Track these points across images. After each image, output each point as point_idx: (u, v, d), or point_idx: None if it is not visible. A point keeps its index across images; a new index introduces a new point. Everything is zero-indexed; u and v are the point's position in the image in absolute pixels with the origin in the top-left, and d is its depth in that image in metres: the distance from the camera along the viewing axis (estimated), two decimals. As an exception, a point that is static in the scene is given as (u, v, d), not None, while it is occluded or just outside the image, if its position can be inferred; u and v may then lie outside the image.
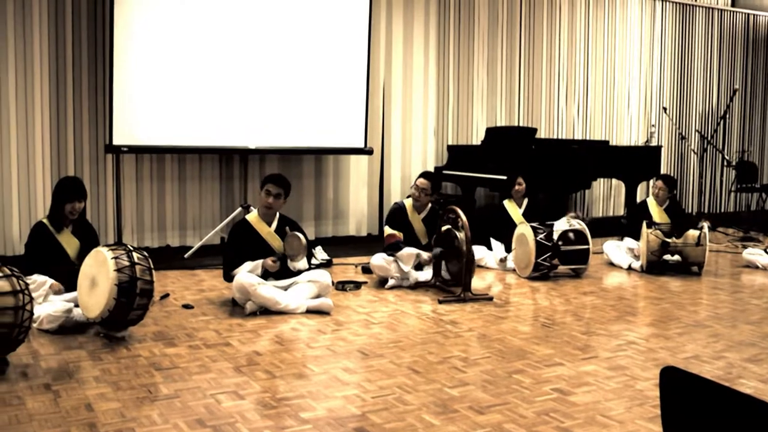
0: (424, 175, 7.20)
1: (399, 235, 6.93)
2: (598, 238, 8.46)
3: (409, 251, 6.82)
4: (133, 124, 7.93)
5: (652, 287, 7.10)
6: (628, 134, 12.03)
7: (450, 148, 10.16)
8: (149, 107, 8.01)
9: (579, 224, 7.55)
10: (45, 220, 5.70)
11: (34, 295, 5.06)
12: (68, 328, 5.17)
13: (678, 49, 12.53)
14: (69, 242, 5.67)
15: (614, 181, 11.75)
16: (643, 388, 4.23)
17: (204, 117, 8.27)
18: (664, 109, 12.17)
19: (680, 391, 1.95)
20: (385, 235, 7.04)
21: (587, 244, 7.42)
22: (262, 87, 8.55)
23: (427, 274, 6.94)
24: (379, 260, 6.88)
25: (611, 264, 8.11)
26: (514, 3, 10.75)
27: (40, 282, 5.31)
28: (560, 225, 7.51)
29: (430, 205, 7.19)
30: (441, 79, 10.28)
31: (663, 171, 11.28)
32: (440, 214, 6.91)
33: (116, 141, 7.84)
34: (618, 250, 8.14)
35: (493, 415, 3.80)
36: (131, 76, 7.88)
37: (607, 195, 11.88)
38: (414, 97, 10.04)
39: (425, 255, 6.85)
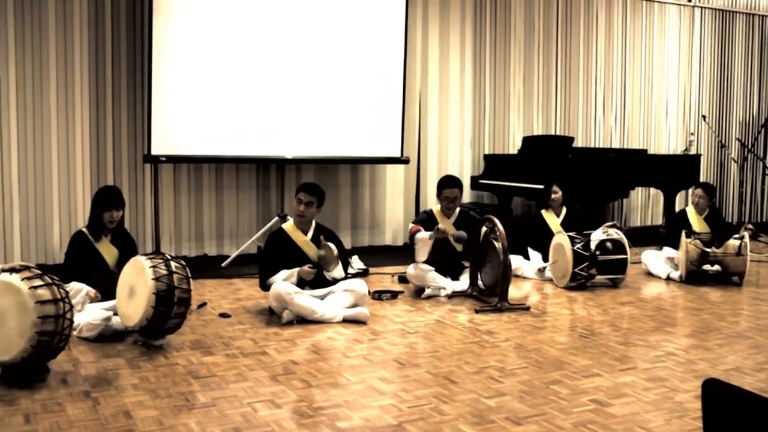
0: (449, 183, 7.06)
1: (421, 228, 6.84)
2: (637, 248, 8.38)
3: (422, 235, 6.74)
4: (171, 134, 8.00)
5: (691, 297, 7.02)
6: (666, 143, 11.91)
7: (486, 157, 10.13)
8: (187, 117, 8.08)
9: (617, 233, 7.48)
10: (84, 229, 5.77)
11: (72, 302, 5.12)
12: (107, 336, 5.23)
13: (717, 55, 12.38)
14: (108, 251, 5.73)
15: (652, 190, 11.63)
16: (683, 400, 4.18)
17: (241, 127, 8.33)
18: (704, 117, 12.04)
19: (723, 403, 1.92)
20: (410, 228, 6.98)
21: (625, 253, 7.35)
22: (299, 97, 8.59)
23: (463, 283, 6.92)
24: (416, 270, 6.87)
25: (649, 274, 8.04)
26: (551, 11, 10.71)
27: (77, 289, 5.37)
28: (597, 235, 7.45)
29: (458, 208, 7.15)
30: (477, 87, 10.26)
31: (702, 180, 11.14)
32: (476, 220, 6.88)
33: (154, 151, 7.92)
34: (656, 259, 8.06)
35: (530, 426, 3.77)
36: (169, 86, 7.96)
37: (645, 204, 11.77)
38: (450, 106, 10.03)
39: (442, 226, 6.73)
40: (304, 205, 6.07)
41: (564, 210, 8.01)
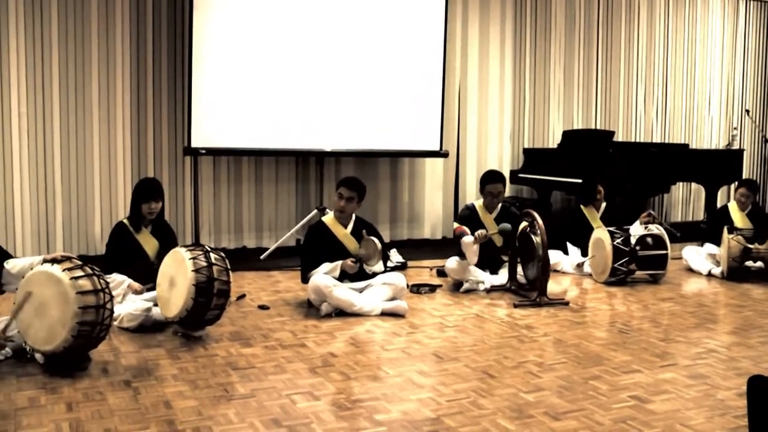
0: (493, 178, 7.02)
1: (466, 229, 6.80)
2: (677, 243, 8.29)
3: (467, 240, 6.66)
4: (211, 126, 8.04)
5: (733, 294, 6.92)
6: (708, 137, 11.76)
7: (526, 151, 10.08)
8: (227, 110, 8.12)
9: (657, 229, 7.41)
10: (125, 221, 5.83)
11: (113, 293, 5.17)
12: (147, 327, 5.27)
13: (762, 48, 12.18)
14: (148, 242, 5.78)
15: (694, 185, 11.49)
16: (725, 398, 4.12)
17: (281, 120, 8.36)
18: (747, 111, 11.87)
19: (769, 400, 1.89)
20: (454, 228, 6.95)
21: (665, 249, 7.28)
22: (339, 90, 8.60)
23: (502, 277, 6.89)
24: (454, 263, 6.85)
25: (690, 270, 7.94)
26: (592, 4, 10.61)
27: (118, 281, 5.44)
28: (636, 229, 7.39)
29: (500, 203, 7.11)
30: (517, 81, 10.20)
31: (745, 175, 10.99)
32: (517, 216, 6.84)
33: (194, 143, 7.97)
34: (698, 255, 7.96)
35: (569, 421, 3.74)
36: (209, 80, 8.01)
37: (686, 199, 11.64)
38: (490, 99, 9.98)
39: (483, 231, 6.63)
40: (345, 201, 6.07)
41: (603, 205, 7.93)
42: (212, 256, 5.03)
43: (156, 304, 5.28)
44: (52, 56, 7.72)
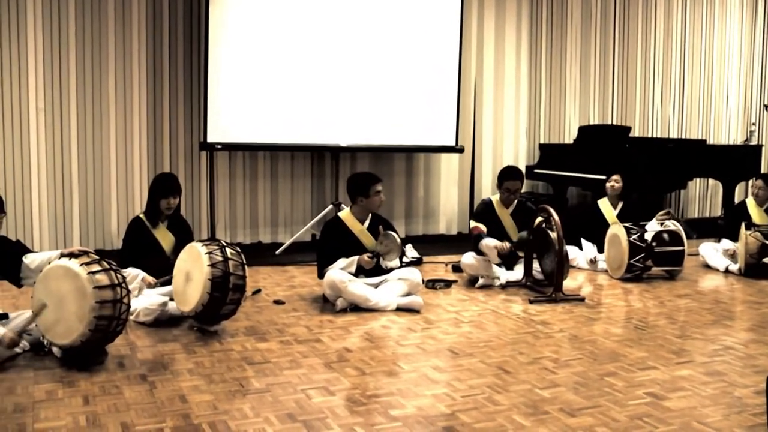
0: (511, 175, 7.00)
1: (482, 228, 6.82)
2: (694, 240, 8.25)
3: (489, 240, 6.71)
4: (227, 122, 8.05)
5: (750, 291, 6.88)
6: (726, 133, 11.68)
7: (542, 146, 10.05)
8: (243, 106, 8.13)
9: (674, 225, 7.37)
10: (142, 216, 5.85)
11: (129, 287, 5.20)
12: (163, 321, 5.30)
13: (780, 45, 12.11)
14: (164, 237, 5.80)
15: (711, 181, 11.43)
16: (742, 395, 4.10)
17: (296, 115, 8.36)
18: (766, 106, 11.79)
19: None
20: (470, 227, 6.95)
21: (682, 245, 7.24)
22: (354, 85, 8.59)
23: (517, 273, 6.87)
24: (470, 259, 6.85)
25: (707, 266, 7.90)
26: (609, -1, 10.57)
27: (133, 275, 5.45)
28: (653, 226, 7.35)
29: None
30: (533, 76, 10.16)
31: (763, 171, 10.92)
32: (534, 212, 6.82)
33: (210, 139, 7.99)
34: (715, 252, 7.92)
35: (584, 417, 3.73)
36: (225, 75, 8.02)
37: (703, 195, 11.57)
38: (505, 95, 9.95)
39: (506, 244, 6.69)
40: (382, 193, 6.14)
41: (621, 202, 7.87)
42: (228, 251, 5.04)
43: (172, 299, 5.30)
44: (70, 52, 7.75)
